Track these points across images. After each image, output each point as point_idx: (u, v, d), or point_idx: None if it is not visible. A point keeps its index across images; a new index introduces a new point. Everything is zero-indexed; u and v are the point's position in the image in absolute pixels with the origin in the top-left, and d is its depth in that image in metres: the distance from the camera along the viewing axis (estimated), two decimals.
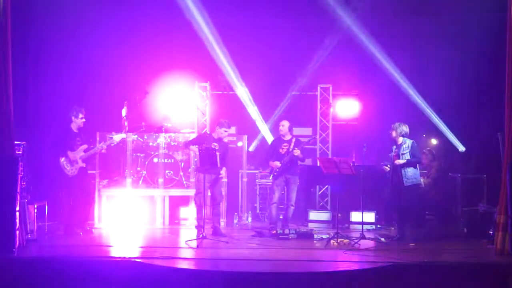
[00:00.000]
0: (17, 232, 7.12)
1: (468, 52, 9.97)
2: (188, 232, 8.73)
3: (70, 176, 8.48)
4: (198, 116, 10.54)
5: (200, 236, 8.04)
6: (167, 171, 9.91)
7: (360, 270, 6.64)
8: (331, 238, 8.17)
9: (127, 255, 7.03)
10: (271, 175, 8.96)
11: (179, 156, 10.10)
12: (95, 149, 8.77)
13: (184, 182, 9.94)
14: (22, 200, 7.56)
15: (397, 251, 7.56)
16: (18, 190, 7.19)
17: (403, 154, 8.26)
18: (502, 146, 7.74)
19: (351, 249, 7.71)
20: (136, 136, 10.06)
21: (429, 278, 6.58)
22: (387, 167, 8.40)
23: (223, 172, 8.81)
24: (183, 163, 10.06)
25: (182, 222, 9.64)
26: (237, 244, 8.09)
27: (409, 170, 8.23)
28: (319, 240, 8.41)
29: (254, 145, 11.00)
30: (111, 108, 10.14)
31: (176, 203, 9.82)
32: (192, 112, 10.58)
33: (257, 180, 10.54)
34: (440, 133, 10.72)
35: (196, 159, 9.22)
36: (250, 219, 10.17)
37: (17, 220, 7.13)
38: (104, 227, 9.32)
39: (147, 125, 10.35)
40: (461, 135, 10.43)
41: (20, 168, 7.24)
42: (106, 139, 9.22)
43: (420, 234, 8.45)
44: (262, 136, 10.94)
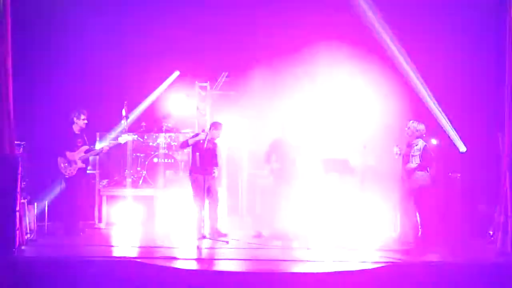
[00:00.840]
0: (17, 232, 7.12)
1: (468, 52, 9.96)
2: (187, 232, 8.73)
3: (67, 176, 8.49)
4: (198, 116, 10.54)
5: (200, 236, 8.04)
6: (167, 171, 9.91)
7: (360, 270, 6.65)
8: (331, 238, 8.18)
9: (127, 255, 7.03)
10: (270, 175, 8.96)
11: (179, 156, 10.10)
12: (97, 150, 8.77)
13: (184, 182, 9.92)
14: (22, 200, 7.57)
15: (397, 251, 7.56)
16: (18, 190, 7.19)
17: (413, 156, 8.04)
18: (502, 146, 7.74)
19: (351, 249, 7.71)
20: (136, 136, 10.06)
21: (429, 278, 6.59)
22: (397, 148, 8.12)
23: (216, 172, 8.82)
24: (183, 163, 10.06)
25: (182, 222, 9.63)
26: (237, 244, 8.09)
27: (419, 172, 8.05)
28: (319, 240, 8.40)
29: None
30: (111, 108, 10.13)
31: (176, 203, 9.81)
32: (192, 112, 10.57)
33: (257, 180, 10.53)
34: (441, 133, 10.70)
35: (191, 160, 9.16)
36: (250, 219, 10.16)
37: (17, 220, 7.14)
38: (104, 227, 9.31)
39: (147, 125, 10.35)
40: (461, 135, 10.41)
41: (20, 168, 7.24)
42: (106, 139, 9.26)
43: (420, 234, 8.43)
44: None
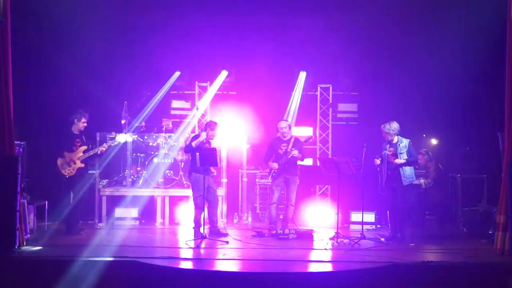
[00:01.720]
0: (17, 232, 7.13)
1: (469, 51, 9.96)
2: (188, 232, 8.73)
3: (67, 176, 8.50)
4: (198, 116, 10.54)
5: (200, 236, 8.05)
6: (167, 171, 9.91)
7: (360, 270, 6.65)
8: (331, 238, 8.18)
9: (127, 255, 7.03)
10: (270, 175, 8.97)
11: (179, 156, 10.10)
12: (96, 150, 8.78)
13: (184, 182, 9.93)
14: (22, 200, 7.57)
15: (397, 251, 7.57)
16: (18, 190, 7.20)
17: (400, 154, 8.19)
18: (502, 146, 7.74)
19: (351, 249, 7.71)
20: (136, 136, 10.06)
21: (429, 278, 6.59)
22: (378, 160, 8.32)
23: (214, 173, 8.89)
24: (183, 163, 10.06)
25: (182, 222, 9.64)
26: (237, 244, 8.09)
27: (407, 169, 8.20)
28: (319, 240, 8.41)
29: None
30: (111, 108, 10.13)
31: (176, 203, 9.82)
32: (192, 112, 10.58)
33: (257, 180, 10.53)
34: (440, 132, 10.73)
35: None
36: (250, 219, 10.16)
37: (17, 220, 7.14)
38: (104, 227, 9.31)
39: (147, 125, 10.35)
40: (461, 135, 10.42)
41: (20, 168, 7.24)
42: (106, 139, 9.26)
43: (419, 234, 8.45)
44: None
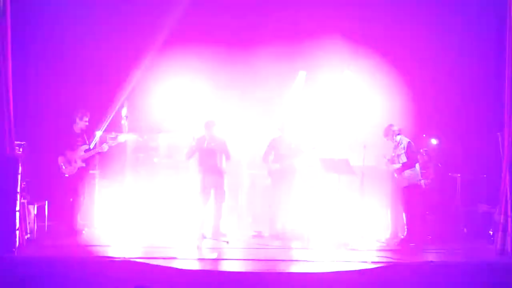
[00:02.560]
0: (17, 232, 7.13)
1: (469, 50, 9.96)
2: (188, 232, 8.73)
3: (68, 175, 8.50)
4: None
5: (201, 236, 8.05)
6: (167, 171, 9.90)
7: (360, 270, 6.65)
8: (331, 238, 8.18)
9: (127, 255, 7.03)
10: (269, 175, 8.96)
11: (179, 156, 10.10)
12: (97, 149, 8.79)
13: (184, 182, 9.93)
14: (22, 200, 7.57)
15: (397, 251, 7.57)
16: (18, 190, 7.19)
17: (399, 155, 8.21)
18: (502, 146, 7.74)
19: (351, 249, 7.71)
20: (136, 136, 10.05)
21: (429, 278, 6.59)
22: (386, 163, 8.34)
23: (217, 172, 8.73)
24: (183, 163, 10.05)
25: (182, 222, 9.63)
26: (237, 244, 8.09)
27: (407, 171, 8.19)
28: (319, 240, 8.41)
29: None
30: (111, 108, 10.12)
31: (176, 203, 9.81)
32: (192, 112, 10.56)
33: (257, 180, 10.52)
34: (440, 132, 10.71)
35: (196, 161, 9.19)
36: (250, 219, 10.16)
37: (17, 220, 7.14)
38: (104, 227, 9.31)
39: (147, 125, 10.33)
40: (461, 135, 10.41)
41: (20, 168, 7.24)
42: (106, 139, 9.25)
43: (420, 234, 8.44)
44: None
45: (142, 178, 9.92)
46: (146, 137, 10.18)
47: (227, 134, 9.81)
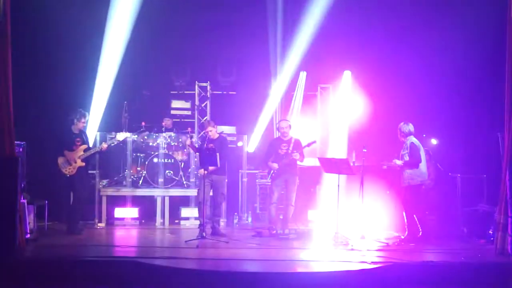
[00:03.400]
0: (17, 232, 7.12)
1: (468, 51, 9.96)
2: (188, 232, 8.74)
3: (68, 175, 8.51)
4: (198, 116, 10.54)
5: (200, 236, 8.06)
6: (167, 171, 9.91)
7: (360, 270, 6.65)
8: (331, 238, 8.18)
9: (127, 255, 7.03)
10: (269, 175, 8.96)
11: (179, 156, 10.11)
12: (96, 148, 8.80)
13: (184, 182, 9.95)
14: (22, 200, 7.57)
15: (397, 251, 7.57)
16: (18, 190, 7.19)
17: (403, 155, 8.27)
18: (502, 146, 7.74)
19: (351, 249, 7.71)
20: (136, 136, 10.06)
21: (429, 278, 6.58)
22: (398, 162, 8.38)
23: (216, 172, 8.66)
24: (183, 163, 10.07)
25: (182, 222, 9.64)
26: (237, 244, 8.09)
27: (407, 171, 8.22)
28: (319, 240, 8.40)
29: (254, 145, 10.97)
30: (111, 108, 10.12)
31: (176, 203, 9.82)
32: (192, 112, 10.58)
33: (257, 180, 10.53)
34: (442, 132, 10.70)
35: (196, 159, 9.21)
36: (250, 219, 10.17)
37: (17, 220, 7.14)
38: (104, 227, 9.32)
39: (147, 125, 10.34)
40: (461, 135, 10.41)
41: (20, 168, 7.24)
42: (106, 139, 9.26)
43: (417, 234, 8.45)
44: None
45: (142, 178, 9.92)
46: (146, 137, 10.18)
47: (226, 134, 9.84)
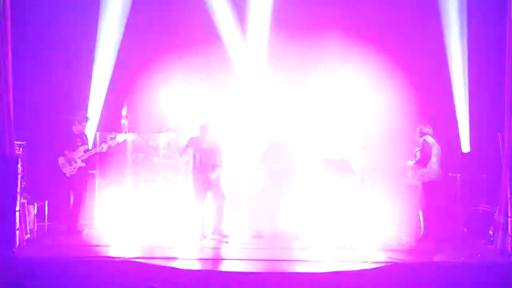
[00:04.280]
0: (17, 232, 7.12)
1: (469, 50, 9.96)
2: (188, 232, 8.73)
3: (68, 175, 8.51)
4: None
5: (201, 236, 8.05)
6: (167, 171, 9.90)
7: (360, 270, 6.65)
8: (331, 238, 8.18)
9: (127, 255, 7.03)
10: (269, 175, 8.97)
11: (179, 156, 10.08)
12: (96, 149, 8.80)
13: (184, 182, 9.92)
14: (22, 200, 7.57)
15: (397, 251, 7.57)
16: (18, 190, 7.19)
17: (416, 153, 8.39)
18: (502, 146, 7.74)
19: (351, 249, 7.71)
20: (136, 136, 10.05)
21: (429, 278, 6.58)
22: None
23: (214, 175, 8.59)
24: (183, 163, 10.04)
25: (182, 222, 9.62)
26: (237, 244, 8.09)
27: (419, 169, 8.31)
28: (319, 240, 8.40)
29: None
30: (111, 108, 10.13)
31: (176, 203, 9.80)
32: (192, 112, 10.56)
33: (257, 180, 10.50)
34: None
35: (191, 160, 9.15)
36: (250, 219, 10.13)
37: (17, 220, 7.14)
38: (104, 227, 9.32)
39: (147, 125, 10.33)
40: (461, 135, 10.40)
41: (20, 168, 7.24)
42: (106, 139, 9.26)
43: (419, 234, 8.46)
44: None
45: (142, 178, 9.91)
46: (146, 137, 10.17)
47: (225, 134, 9.82)
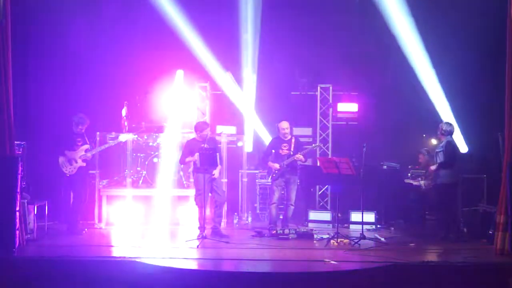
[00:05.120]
0: (17, 232, 7.13)
1: (468, 50, 9.96)
2: (188, 232, 8.74)
3: (68, 175, 8.52)
4: (198, 116, 10.53)
5: (200, 236, 8.06)
6: (167, 171, 9.90)
7: (360, 270, 6.65)
8: (331, 238, 8.18)
9: (127, 255, 7.03)
10: (269, 175, 8.96)
11: (179, 156, 10.08)
12: (97, 149, 8.80)
13: (184, 182, 9.94)
14: (22, 200, 7.57)
15: (397, 251, 7.57)
16: (18, 190, 7.20)
17: (437, 153, 8.38)
18: (502, 146, 7.74)
19: (351, 249, 7.71)
20: (136, 136, 10.05)
21: (429, 278, 6.59)
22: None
23: (217, 172, 8.55)
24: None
25: (182, 222, 9.63)
26: (237, 244, 8.09)
27: (441, 169, 8.32)
28: (319, 240, 8.41)
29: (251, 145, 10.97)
30: (111, 108, 10.13)
31: (176, 203, 9.81)
32: (192, 112, 10.57)
33: (257, 180, 10.53)
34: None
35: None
36: (250, 219, 10.16)
37: (17, 220, 7.15)
38: (104, 227, 9.32)
39: (147, 125, 10.33)
40: (461, 135, 10.41)
41: (20, 168, 7.24)
42: (106, 139, 9.26)
43: (419, 234, 8.47)
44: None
45: (142, 178, 9.92)
46: (146, 137, 10.18)
47: (226, 134, 9.83)
